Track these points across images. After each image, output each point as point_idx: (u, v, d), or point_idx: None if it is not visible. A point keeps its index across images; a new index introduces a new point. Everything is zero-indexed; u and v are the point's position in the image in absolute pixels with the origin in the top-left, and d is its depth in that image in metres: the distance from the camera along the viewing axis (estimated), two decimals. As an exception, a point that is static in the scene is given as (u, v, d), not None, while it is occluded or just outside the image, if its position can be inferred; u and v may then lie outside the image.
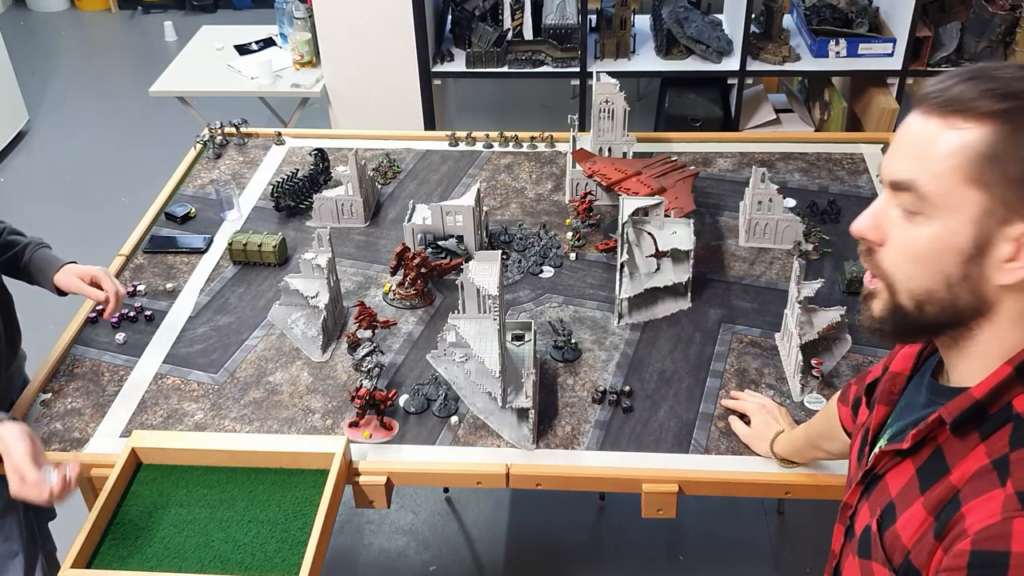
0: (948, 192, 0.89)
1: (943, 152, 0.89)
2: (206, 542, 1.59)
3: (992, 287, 0.91)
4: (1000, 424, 0.90)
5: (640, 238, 2.10)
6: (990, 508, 0.85)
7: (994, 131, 0.87)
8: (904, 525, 0.95)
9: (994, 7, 3.33)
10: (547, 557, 2.69)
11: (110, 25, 6.29)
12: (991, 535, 0.84)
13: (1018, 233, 0.88)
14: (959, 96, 0.89)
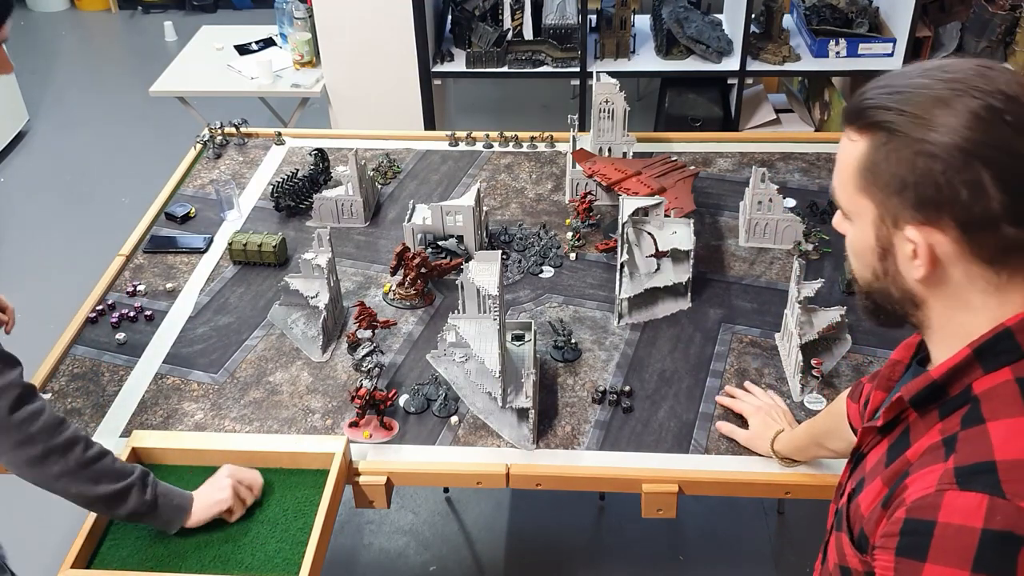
0: (850, 200, 0.98)
1: (843, 164, 0.98)
2: (206, 542, 1.59)
3: (912, 283, 0.97)
4: (959, 405, 0.94)
5: (640, 238, 2.11)
6: (928, 480, 0.89)
7: (870, 143, 0.94)
8: (864, 497, 0.99)
9: (994, 7, 3.33)
10: (547, 557, 2.69)
11: (110, 25, 6.29)
12: (923, 505, 0.88)
13: (910, 236, 0.93)
14: (853, 108, 0.96)
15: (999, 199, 0.89)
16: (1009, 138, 0.88)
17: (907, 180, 0.91)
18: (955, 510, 0.86)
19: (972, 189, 0.89)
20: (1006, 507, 0.85)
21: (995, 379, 0.93)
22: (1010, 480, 0.86)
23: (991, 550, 0.84)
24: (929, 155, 0.90)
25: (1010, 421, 0.90)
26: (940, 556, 0.86)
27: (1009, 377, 0.93)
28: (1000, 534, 0.84)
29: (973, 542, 0.84)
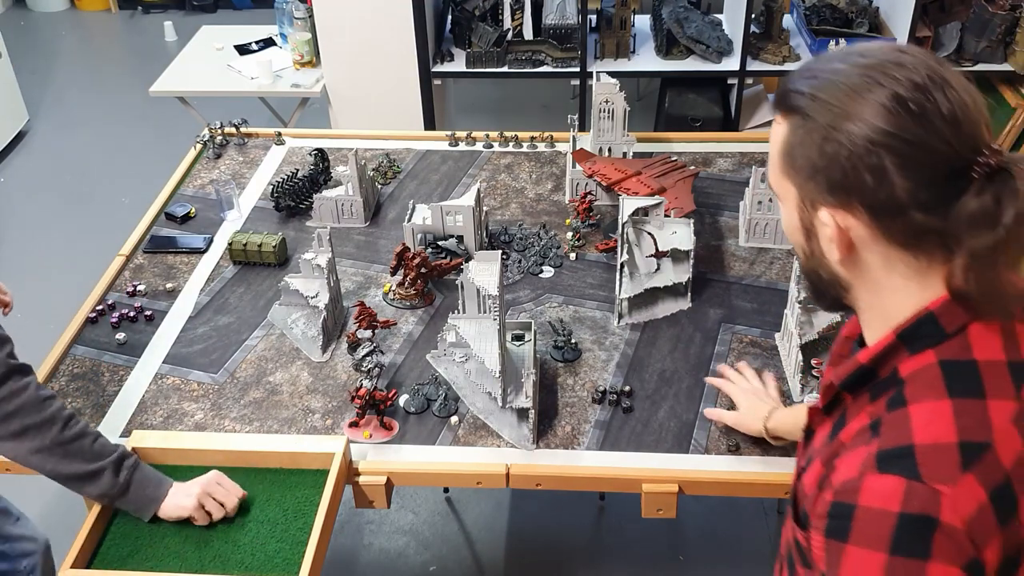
0: (776, 182, 1.02)
1: (771, 146, 1.01)
2: (206, 542, 1.59)
3: (834, 264, 0.99)
4: (887, 388, 0.96)
5: (640, 238, 2.11)
6: (853, 463, 0.91)
7: (789, 127, 0.97)
8: (808, 476, 1.01)
9: (994, 7, 3.33)
10: (547, 557, 2.69)
11: (110, 25, 6.29)
12: (846, 488, 0.90)
13: (824, 219, 0.96)
14: (779, 92, 0.99)
15: (903, 186, 0.90)
16: (912, 127, 0.89)
17: (818, 165, 0.94)
18: (874, 494, 0.88)
19: (876, 175, 0.91)
20: (923, 490, 0.86)
21: (919, 362, 0.95)
22: (927, 463, 0.87)
23: (908, 533, 0.85)
24: (836, 141, 0.92)
25: (930, 404, 0.91)
26: (860, 539, 0.87)
27: (932, 360, 0.94)
28: (916, 517, 0.86)
29: (890, 525, 0.86)
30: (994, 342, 0.94)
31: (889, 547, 0.86)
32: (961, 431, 0.89)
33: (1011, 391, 0.93)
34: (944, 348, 0.94)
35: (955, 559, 0.85)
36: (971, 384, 0.92)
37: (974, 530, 0.86)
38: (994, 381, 0.93)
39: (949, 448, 0.88)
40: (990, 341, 0.94)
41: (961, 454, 0.88)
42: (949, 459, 0.88)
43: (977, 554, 0.86)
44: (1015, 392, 0.93)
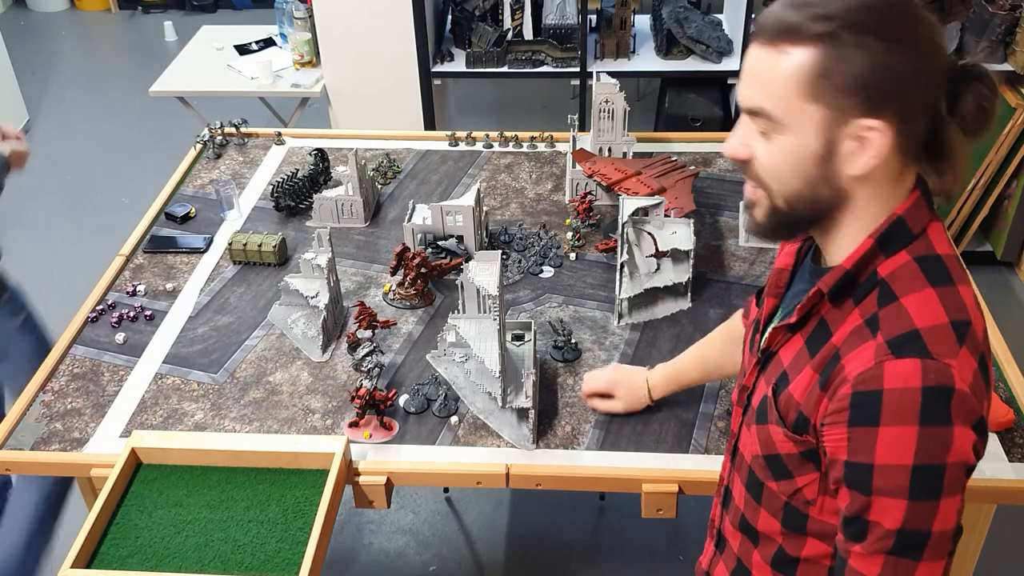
0: (792, 110, 1.04)
1: (781, 77, 1.03)
2: (206, 542, 1.59)
3: (846, 179, 1.06)
4: (869, 290, 1.06)
5: (640, 238, 2.11)
6: (865, 356, 1.01)
7: (819, 51, 1.01)
8: (796, 386, 1.10)
9: (994, 7, 3.33)
10: (547, 557, 2.69)
11: (110, 25, 6.29)
12: (866, 378, 1.00)
13: (855, 130, 1.02)
14: (785, 24, 1.03)
15: (918, 94, 1.02)
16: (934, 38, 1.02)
17: (862, 79, 1.00)
18: (896, 376, 0.98)
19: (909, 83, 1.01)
20: (936, 366, 0.98)
21: (896, 262, 1.06)
22: (933, 343, 1.00)
23: (932, 404, 0.97)
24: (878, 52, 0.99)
25: (919, 294, 1.03)
26: (891, 418, 0.98)
27: (908, 258, 1.06)
28: (937, 389, 0.98)
29: (917, 400, 0.97)
30: (945, 238, 1.09)
31: (919, 419, 0.97)
32: (949, 312, 1.02)
33: (966, 277, 1.08)
34: (914, 247, 1.06)
35: (968, 420, 0.99)
36: (943, 274, 1.05)
37: (976, 393, 1.00)
38: (956, 270, 1.07)
39: (945, 328, 1.01)
40: (943, 237, 1.08)
41: (955, 332, 1.01)
42: (948, 337, 1.01)
43: (982, 414, 1.01)
44: (969, 279, 1.09)
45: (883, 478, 1.00)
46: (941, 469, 0.98)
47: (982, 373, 1.03)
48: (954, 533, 1.03)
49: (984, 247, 3.77)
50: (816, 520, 1.16)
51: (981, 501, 1.71)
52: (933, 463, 0.98)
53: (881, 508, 1.01)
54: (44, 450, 1.78)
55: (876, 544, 1.02)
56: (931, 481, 0.99)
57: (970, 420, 0.99)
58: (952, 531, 1.03)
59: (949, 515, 1.01)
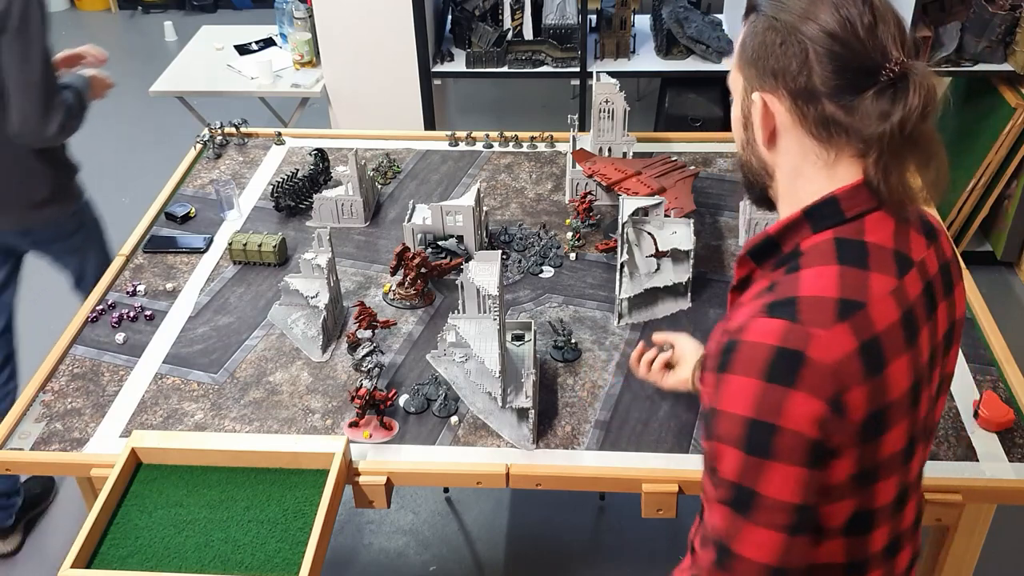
0: (732, 79, 1.16)
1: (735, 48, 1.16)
2: (206, 542, 1.59)
3: (762, 150, 1.13)
4: (789, 260, 1.10)
5: (640, 238, 2.11)
6: (745, 312, 1.05)
7: (746, 26, 1.11)
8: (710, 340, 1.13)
9: (994, 7, 3.33)
10: (547, 557, 2.69)
11: (110, 25, 6.29)
12: (736, 329, 1.04)
13: (757, 101, 1.10)
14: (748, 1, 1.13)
15: (820, 75, 1.05)
16: (837, 26, 1.04)
17: (759, 52, 1.09)
18: (757, 331, 1.02)
19: (799, 62, 1.05)
20: (799, 330, 1.00)
21: (819, 238, 1.08)
22: (806, 311, 1.01)
23: (779, 364, 0.99)
24: (774, 30, 1.07)
25: (820, 268, 1.05)
26: (739, 367, 1.01)
27: (830, 236, 1.08)
28: (789, 351, 0.99)
29: (765, 356, 1.00)
30: (886, 232, 1.08)
31: (762, 374, 0.99)
32: (842, 290, 1.03)
33: (893, 271, 1.07)
34: (841, 229, 1.08)
35: (818, 392, 0.98)
36: (858, 257, 1.06)
37: (840, 372, 0.99)
38: (879, 260, 1.06)
39: (829, 301, 1.02)
40: (883, 230, 1.08)
41: (838, 307, 1.02)
42: (826, 309, 1.01)
43: (840, 392, 0.99)
44: (896, 274, 1.07)
45: (723, 424, 1.02)
46: (773, 429, 0.99)
47: (863, 359, 1.00)
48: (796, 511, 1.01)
49: (984, 247, 3.77)
50: None
51: (981, 501, 1.71)
52: (767, 421, 0.99)
53: (721, 455, 1.03)
54: (44, 450, 1.78)
55: (718, 492, 1.05)
56: (763, 438, 0.99)
57: (820, 393, 0.98)
58: (789, 505, 1.01)
59: (781, 483, 1.00)
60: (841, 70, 1.04)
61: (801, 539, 1.03)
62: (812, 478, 1.01)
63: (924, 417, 1.12)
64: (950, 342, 1.19)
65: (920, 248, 1.12)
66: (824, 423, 0.99)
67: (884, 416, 1.03)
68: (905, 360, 1.04)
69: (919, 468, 1.17)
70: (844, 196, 1.08)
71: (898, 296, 1.06)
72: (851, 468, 1.03)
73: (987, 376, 1.88)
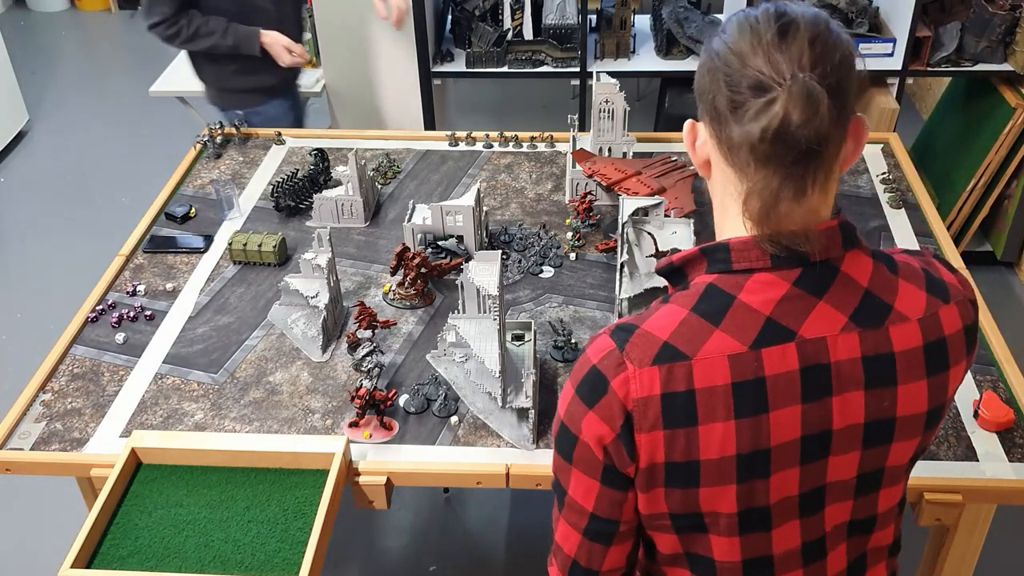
0: None
1: None
2: (206, 542, 1.59)
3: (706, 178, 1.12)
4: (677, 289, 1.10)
5: (640, 238, 2.11)
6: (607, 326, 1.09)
7: None
8: None
9: (994, 7, 3.33)
10: (547, 557, 2.69)
11: (110, 25, 6.29)
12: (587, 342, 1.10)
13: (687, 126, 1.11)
14: None
15: (723, 94, 1.00)
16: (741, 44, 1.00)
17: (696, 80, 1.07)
18: (593, 347, 1.07)
19: (711, 82, 1.02)
20: (616, 358, 1.03)
21: (703, 279, 1.06)
22: (634, 343, 1.03)
23: (589, 382, 1.05)
24: (704, 54, 1.05)
25: (674, 307, 1.05)
26: (572, 373, 1.09)
27: (711, 280, 1.06)
28: (598, 373, 1.04)
29: (584, 371, 1.06)
30: (768, 296, 1.02)
31: (577, 386, 1.06)
32: (676, 337, 1.02)
33: (748, 337, 1.01)
34: (723, 278, 1.05)
35: (608, 420, 1.03)
36: (714, 311, 1.03)
37: (635, 410, 1.02)
38: (738, 321, 1.02)
39: (656, 341, 1.03)
40: (765, 294, 1.02)
41: (661, 350, 1.02)
42: (648, 348, 1.02)
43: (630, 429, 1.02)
44: (752, 341, 1.01)
45: (553, 423, 1.14)
46: (574, 439, 1.06)
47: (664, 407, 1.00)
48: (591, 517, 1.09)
49: (984, 247, 3.77)
50: None
51: (981, 501, 1.71)
52: (570, 429, 1.07)
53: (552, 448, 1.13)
54: (44, 450, 1.78)
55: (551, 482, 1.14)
56: (567, 444, 1.08)
57: (610, 422, 1.03)
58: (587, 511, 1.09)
59: (577, 487, 1.09)
60: (735, 88, 0.99)
61: (600, 546, 1.11)
62: (604, 493, 1.07)
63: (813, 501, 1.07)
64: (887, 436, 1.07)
65: (826, 327, 1.02)
66: (608, 450, 1.04)
67: (693, 471, 1.03)
68: (727, 427, 1.01)
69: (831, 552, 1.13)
70: (736, 246, 1.04)
71: (737, 362, 1.00)
72: (658, 506, 1.07)
73: (987, 376, 1.88)
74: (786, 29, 0.98)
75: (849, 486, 1.09)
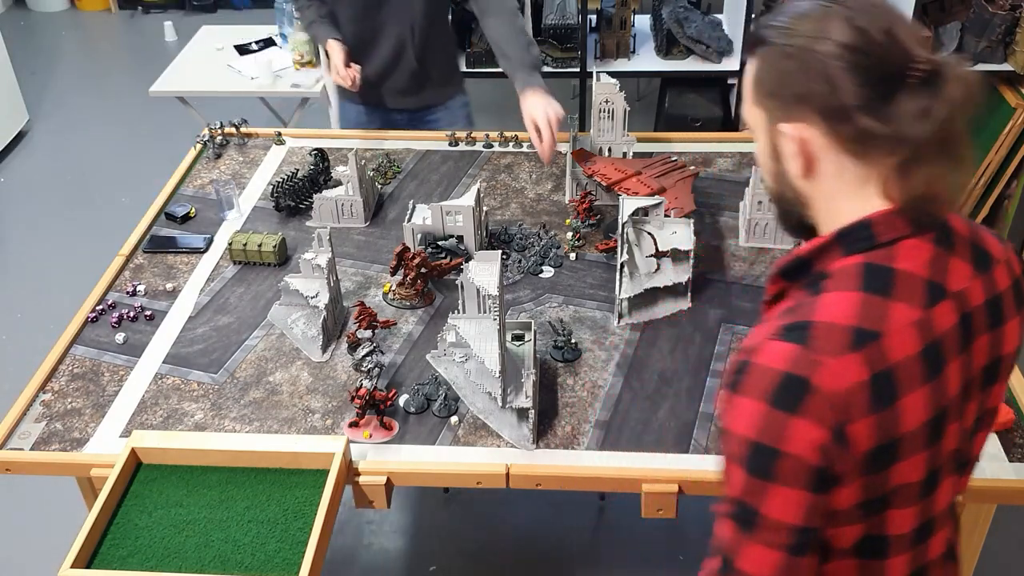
0: (749, 114, 1.14)
1: (745, 84, 1.14)
2: (206, 542, 1.59)
3: (797, 180, 1.11)
4: (818, 280, 1.08)
5: (640, 238, 2.11)
6: (762, 331, 1.05)
7: (756, 59, 1.10)
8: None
9: (994, 7, 3.33)
10: (547, 557, 2.69)
11: (110, 25, 6.29)
12: (748, 349, 1.04)
13: (787, 131, 1.08)
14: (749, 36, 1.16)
15: (850, 91, 1.02)
16: (855, 39, 1.02)
17: (778, 82, 1.07)
18: (767, 354, 1.02)
19: (826, 83, 1.03)
20: (807, 357, 0.99)
21: (848, 261, 1.06)
22: (818, 337, 1.00)
23: (784, 389, 0.99)
24: (791, 57, 1.05)
25: (841, 293, 1.04)
26: (749, 389, 1.02)
27: (859, 261, 1.06)
28: (795, 377, 0.99)
29: (772, 380, 1.00)
30: (920, 260, 1.06)
31: (768, 398, 1.00)
32: (858, 318, 1.01)
33: (920, 301, 1.04)
34: (872, 254, 1.05)
35: (821, 421, 0.98)
36: (883, 285, 1.03)
37: (845, 402, 0.98)
38: (906, 289, 1.04)
39: (843, 329, 1.00)
40: (916, 258, 1.05)
41: (851, 336, 1.00)
42: (839, 338, 1.00)
43: (843, 423, 0.98)
44: (923, 304, 1.04)
45: (731, 443, 1.04)
46: (775, 453, 1.00)
47: (872, 391, 0.99)
48: (796, 532, 1.02)
49: (984, 247, 3.76)
50: None
51: (981, 501, 1.72)
52: (770, 445, 1.00)
53: (729, 472, 1.05)
54: (44, 450, 1.78)
55: (726, 507, 1.07)
56: (765, 461, 1.00)
57: (823, 421, 0.98)
58: (789, 526, 1.02)
59: (782, 505, 1.01)
60: (866, 79, 1.01)
61: (801, 559, 1.04)
62: (813, 502, 1.01)
63: (955, 450, 1.10)
64: (993, 377, 1.15)
65: (962, 278, 1.08)
66: (826, 451, 0.99)
67: (894, 448, 1.02)
68: (923, 393, 1.02)
69: (947, 500, 1.15)
70: (878, 220, 1.06)
71: (921, 327, 1.03)
72: (856, 496, 1.04)
73: (987, 376, 1.88)
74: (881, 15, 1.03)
75: (968, 431, 1.14)
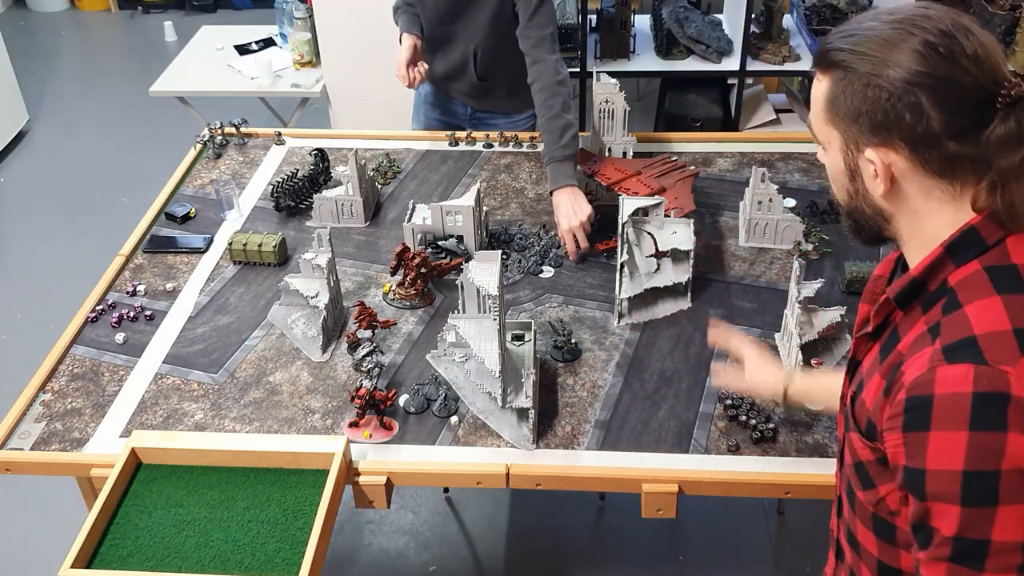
0: (821, 131, 1.13)
1: (815, 100, 1.13)
2: (206, 542, 1.59)
3: (878, 199, 1.10)
4: (938, 298, 1.06)
5: (640, 238, 2.11)
6: (921, 362, 1.02)
7: (831, 80, 1.09)
8: (867, 393, 1.12)
9: (994, 7, 3.33)
10: (547, 557, 2.69)
11: (110, 25, 6.29)
12: (919, 383, 1.00)
13: (871, 157, 1.07)
14: (818, 52, 1.12)
15: (938, 119, 1.02)
16: (942, 67, 1.02)
17: (861, 109, 1.06)
18: (947, 381, 0.98)
19: (914, 113, 1.03)
20: (989, 372, 0.97)
21: (966, 271, 1.05)
22: (990, 349, 0.98)
23: (984, 409, 0.96)
24: (877, 87, 1.04)
25: (983, 301, 1.02)
26: (941, 423, 0.97)
27: (978, 267, 1.05)
28: (989, 394, 0.96)
29: (967, 405, 0.96)
30: None
31: (969, 424, 0.96)
32: (1013, 320, 1.00)
33: None
34: (986, 257, 1.05)
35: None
36: (1014, 282, 1.03)
37: None
38: None
39: (1006, 335, 0.99)
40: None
41: (1017, 339, 0.99)
42: (1008, 344, 0.98)
43: None
44: None
45: (935, 483, 0.99)
46: (995, 475, 0.96)
47: None
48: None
49: (984, 247, 3.76)
50: (904, 531, 1.12)
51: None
52: (986, 469, 0.96)
53: (938, 513, 1.00)
54: (44, 450, 1.78)
55: (937, 551, 1.01)
56: (984, 488, 0.97)
57: None
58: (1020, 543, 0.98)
59: (1014, 525, 0.97)
60: (958, 110, 1.01)
61: None
62: None
63: None
64: None
65: None
66: None
67: None
68: None
69: None
70: (981, 224, 1.05)
71: None
72: None
73: (987, 376, 1.88)
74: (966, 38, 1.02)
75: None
